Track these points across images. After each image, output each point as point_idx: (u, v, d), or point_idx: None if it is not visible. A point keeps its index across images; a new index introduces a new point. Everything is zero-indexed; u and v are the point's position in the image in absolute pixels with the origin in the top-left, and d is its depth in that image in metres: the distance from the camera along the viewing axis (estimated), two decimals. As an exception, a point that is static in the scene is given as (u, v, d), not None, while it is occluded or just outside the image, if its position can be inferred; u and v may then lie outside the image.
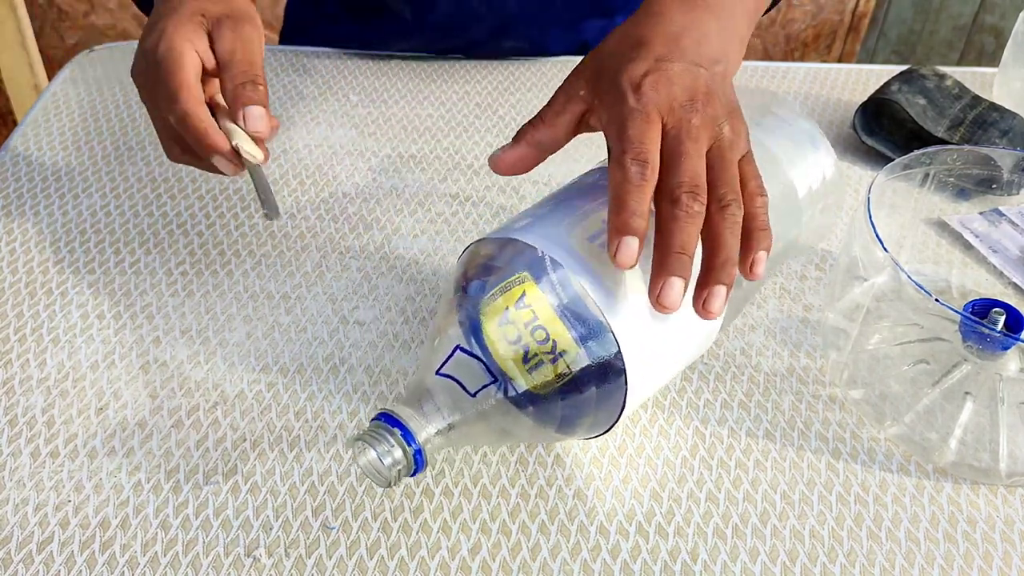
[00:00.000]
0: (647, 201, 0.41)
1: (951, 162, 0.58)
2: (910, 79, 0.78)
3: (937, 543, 0.47)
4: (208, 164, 0.55)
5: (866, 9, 1.99)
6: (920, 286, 0.46)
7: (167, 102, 0.52)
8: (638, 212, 0.40)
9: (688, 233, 0.41)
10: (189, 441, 0.51)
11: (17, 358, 0.55)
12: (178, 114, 0.52)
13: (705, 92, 0.45)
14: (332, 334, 0.58)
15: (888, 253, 0.48)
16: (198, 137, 0.52)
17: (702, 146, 0.43)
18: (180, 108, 0.52)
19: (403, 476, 0.42)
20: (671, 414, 0.54)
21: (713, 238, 0.42)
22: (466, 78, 0.87)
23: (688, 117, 0.43)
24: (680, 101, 0.44)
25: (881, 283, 0.51)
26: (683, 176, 0.42)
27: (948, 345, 0.53)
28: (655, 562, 0.46)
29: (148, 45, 0.53)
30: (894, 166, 0.55)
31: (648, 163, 0.42)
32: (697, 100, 0.44)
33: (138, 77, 0.55)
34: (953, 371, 0.52)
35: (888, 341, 0.55)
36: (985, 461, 0.50)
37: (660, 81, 0.44)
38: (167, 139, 0.56)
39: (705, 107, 0.44)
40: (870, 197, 0.51)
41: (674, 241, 0.41)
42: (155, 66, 0.53)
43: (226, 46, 0.53)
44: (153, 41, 0.53)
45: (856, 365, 0.54)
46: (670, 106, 0.44)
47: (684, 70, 0.45)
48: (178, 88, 0.52)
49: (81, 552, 0.45)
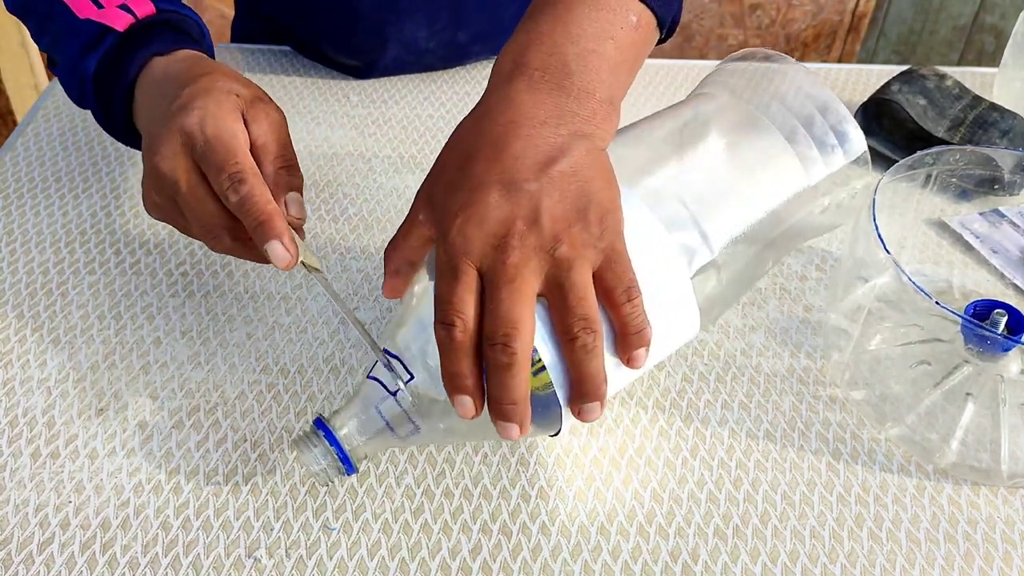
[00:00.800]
0: (466, 358, 0.40)
1: (954, 162, 0.58)
2: (910, 79, 0.78)
3: (938, 543, 0.47)
4: (258, 254, 0.48)
5: (866, 9, 1.99)
6: (922, 289, 0.46)
7: (230, 183, 0.46)
8: (459, 372, 0.40)
9: (506, 387, 0.40)
10: (190, 442, 0.51)
11: (17, 358, 0.55)
12: (243, 194, 0.46)
13: (527, 218, 0.40)
14: (332, 335, 0.58)
15: (891, 255, 0.48)
16: (262, 220, 0.46)
17: (521, 284, 0.40)
18: (247, 188, 0.46)
19: (332, 476, 0.45)
20: (671, 415, 0.54)
21: (572, 368, 0.41)
22: (466, 78, 0.87)
23: (502, 258, 0.40)
24: (492, 242, 0.40)
25: (883, 284, 0.51)
26: (492, 327, 0.40)
27: (949, 346, 0.53)
28: (655, 563, 0.46)
29: (187, 124, 0.47)
30: (899, 167, 0.55)
31: (454, 324, 0.40)
32: (513, 235, 0.40)
33: (169, 160, 0.48)
34: (954, 372, 0.52)
35: (889, 342, 0.55)
36: (986, 462, 0.50)
37: (470, 222, 0.40)
38: (215, 227, 0.48)
39: (524, 239, 0.40)
40: (875, 199, 0.51)
41: (493, 395, 0.40)
42: (206, 145, 0.47)
43: (262, 128, 0.50)
44: (194, 120, 0.47)
45: (857, 366, 0.54)
46: (481, 250, 0.40)
47: (501, 198, 0.41)
48: (243, 167, 0.46)
49: (82, 553, 0.45)
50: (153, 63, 0.53)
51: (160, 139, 0.48)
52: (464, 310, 0.40)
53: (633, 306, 0.41)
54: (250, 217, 0.46)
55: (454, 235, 0.41)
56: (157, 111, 0.50)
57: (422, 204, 0.44)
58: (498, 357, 0.39)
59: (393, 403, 0.44)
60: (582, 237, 0.41)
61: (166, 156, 0.47)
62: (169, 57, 0.53)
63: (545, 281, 0.41)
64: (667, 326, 0.45)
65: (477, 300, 0.40)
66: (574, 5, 0.44)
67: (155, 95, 0.52)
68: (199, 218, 0.48)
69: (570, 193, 0.41)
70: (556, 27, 0.44)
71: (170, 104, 0.49)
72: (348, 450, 0.44)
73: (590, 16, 0.44)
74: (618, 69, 0.45)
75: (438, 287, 0.41)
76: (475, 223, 0.40)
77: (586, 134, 0.43)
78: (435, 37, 0.82)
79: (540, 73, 0.43)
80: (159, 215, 0.51)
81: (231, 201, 0.46)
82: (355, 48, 0.83)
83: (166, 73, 0.53)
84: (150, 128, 0.50)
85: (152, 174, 0.49)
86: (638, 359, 0.42)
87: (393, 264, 0.45)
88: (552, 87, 0.43)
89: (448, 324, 0.40)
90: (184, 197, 0.48)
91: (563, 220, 0.41)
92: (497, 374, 0.40)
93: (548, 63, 0.43)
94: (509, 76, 0.43)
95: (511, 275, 0.40)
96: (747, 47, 2.13)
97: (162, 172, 0.48)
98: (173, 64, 0.53)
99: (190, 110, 0.48)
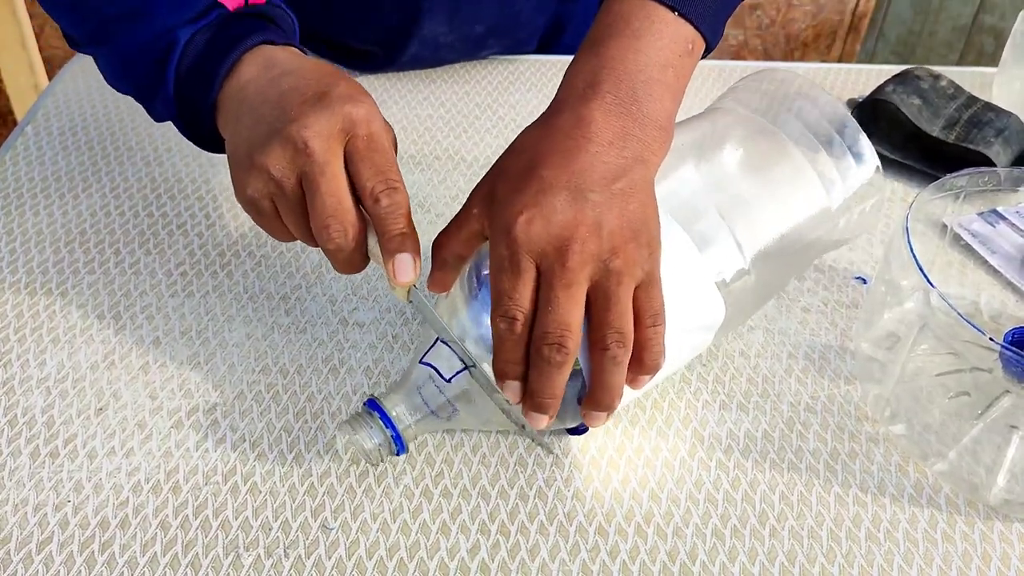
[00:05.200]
0: (519, 349, 0.43)
1: (983, 184, 0.57)
2: (905, 80, 0.79)
3: (935, 543, 0.47)
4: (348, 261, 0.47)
5: (866, 9, 1.99)
6: (973, 324, 0.44)
7: (385, 187, 0.46)
8: (511, 360, 0.43)
9: (551, 382, 0.43)
10: (188, 442, 0.51)
11: (17, 358, 0.55)
12: (395, 201, 0.46)
13: (590, 225, 0.42)
14: (332, 335, 0.58)
15: (935, 289, 0.46)
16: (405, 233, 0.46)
17: (576, 290, 0.42)
18: (399, 197, 0.46)
19: (385, 456, 0.47)
20: (670, 415, 0.54)
21: (594, 375, 0.44)
22: (466, 78, 0.87)
23: (562, 261, 0.42)
24: (555, 243, 0.42)
25: (912, 310, 0.50)
26: (547, 327, 0.42)
27: (989, 376, 0.50)
28: (654, 563, 0.46)
29: (355, 114, 0.46)
30: (933, 188, 0.54)
31: (515, 318, 0.42)
32: (575, 240, 0.42)
33: (323, 139, 0.45)
34: (996, 403, 0.50)
35: (927, 372, 0.53)
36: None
37: (535, 221, 0.42)
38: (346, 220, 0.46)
39: (585, 245, 0.42)
40: (908, 227, 0.49)
41: (536, 388, 0.43)
42: (371, 141, 0.46)
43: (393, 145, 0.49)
44: (362, 113, 0.46)
45: (898, 399, 0.52)
46: (542, 249, 0.42)
47: (567, 203, 0.42)
48: (398, 176, 0.47)
49: (80, 552, 0.45)
50: (266, 48, 0.51)
51: (314, 115, 0.45)
52: (524, 305, 0.42)
53: (656, 332, 0.44)
54: (395, 226, 0.45)
55: (518, 230, 0.42)
56: (294, 91, 0.47)
57: (479, 200, 0.46)
58: (552, 355, 0.42)
59: (440, 389, 0.46)
60: (634, 256, 0.43)
61: (320, 133, 0.45)
62: (284, 48, 0.51)
63: (592, 288, 0.43)
64: (684, 341, 0.48)
65: (534, 295, 0.43)
66: (642, 32, 0.46)
67: (281, 76, 0.49)
68: (331, 206, 0.45)
69: (628, 212, 0.43)
70: (627, 54, 0.46)
71: (320, 88, 0.47)
72: (400, 429, 0.47)
73: (655, 45, 0.46)
74: (675, 96, 0.47)
75: (499, 279, 0.43)
76: (541, 222, 0.42)
77: (644, 159, 0.45)
78: (454, 31, 0.83)
79: (612, 97, 0.45)
80: (260, 191, 0.47)
81: (380, 204, 0.45)
82: (377, 44, 0.84)
83: (293, 61, 0.50)
84: (289, 104, 0.46)
85: (288, 144, 0.45)
86: (641, 383, 0.45)
87: (443, 256, 0.47)
88: (621, 111, 0.45)
89: (510, 318, 0.42)
90: (326, 180, 0.45)
91: (620, 235, 0.43)
92: (545, 370, 0.42)
93: (619, 88, 0.45)
94: (583, 96, 0.45)
95: (569, 279, 0.42)
96: (747, 47, 2.14)
97: (311, 147, 0.44)
98: (298, 56, 0.51)
99: (357, 102, 0.46)
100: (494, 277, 0.43)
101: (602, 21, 0.47)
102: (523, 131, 0.47)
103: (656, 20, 0.46)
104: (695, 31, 0.47)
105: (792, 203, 0.52)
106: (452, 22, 0.82)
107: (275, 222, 0.48)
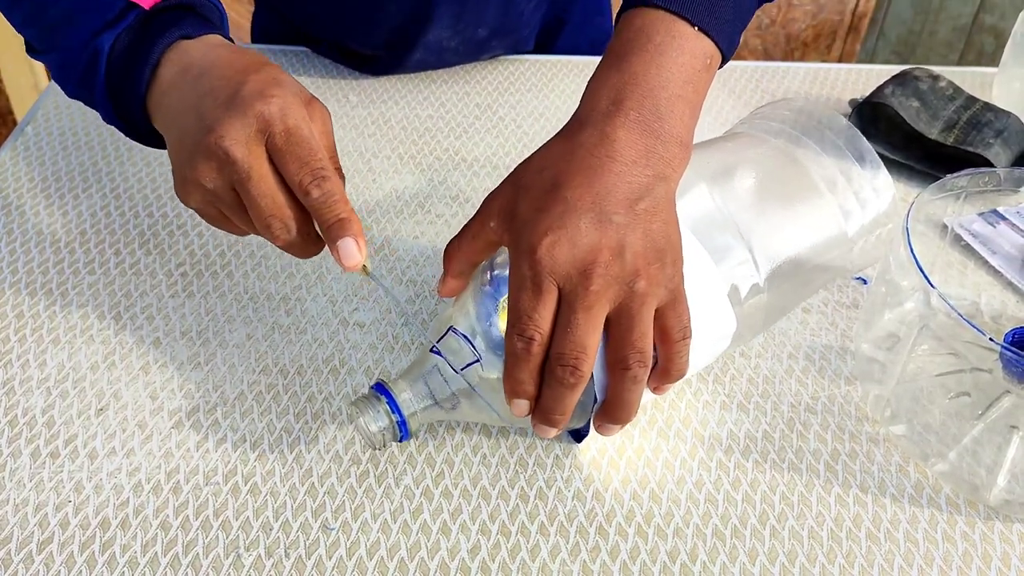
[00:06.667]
0: (533, 369, 0.43)
1: (983, 184, 0.57)
2: (903, 81, 0.78)
3: (936, 544, 0.47)
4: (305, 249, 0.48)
5: (866, 9, 1.99)
6: (973, 324, 0.44)
7: (313, 178, 0.46)
8: (524, 381, 0.43)
9: (562, 403, 0.43)
10: (189, 442, 0.51)
11: (17, 358, 0.55)
12: (325, 190, 0.46)
13: (613, 248, 0.42)
14: (332, 336, 0.58)
15: (936, 290, 0.46)
16: (342, 218, 0.46)
17: (597, 312, 0.42)
18: (329, 185, 0.46)
19: (388, 441, 0.47)
20: (670, 416, 0.54)
21: (612, 391, 0.44)
22: (465, 78, 0.87)
23: (585, 284, 0.42)
24: (579, 267, 0.42)
25: (912, 310, 0.50)
26: (564, 348, 0.42)
27: (989, 376, 0.51)
28: (654, 563, 0.46)
29: (266, 112, 0.46)
30: (934, 188, 0.54)
31: (533, 339, 0.42)
32: (599, 264, 0.42)
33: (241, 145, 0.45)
34: (996, 403, 0.51)
35: (927, 372, 0.53)
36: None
37: (559, 244, 0.42)
38: (286, 217, 0.47)
39: (609, 268, 0.42)
40: (908, 227, 0.49)
41: (547, 406, 0.43)
42: (288, 136, 0.46)
43: (317, 127, 0.49)
44: (275, 109, 0.46)
45: (898, 400, 0.53)
46: (567, 272, 0.42)
47: (591, 225, 0.43)
48: (325, 163, 0.46)
49: (81, 552, 0.45)
50: (183, 45, 0.50)
51: (228, 122, 0.45)
52: (543, 326, 0.42)
53: (684, 345, 0.45)
54: (330, 214, 0.46)
55: (543, 252, 0.42)
56: (209, 95, 0.47)
57: (497, 214, 0.46)
58: (566, 377, 0.42)
59: (447, 380, 0.47)
60: (658, 276, 0.43)
61: (238, 140, 0.45)
62: (201, 41, 0.51)
63: (614, 308, 0.43)
64: (702, 352, 0.49)
65: (553, 317, 0.43)
66: (664, 48, 0.46)
67: (197, 78, 0.49)
68: (267, 208, 0.46)
69: (652, 232, 0.44)
70: (650, 70, 0.46)
71: (231, 89, 0.47)
72: (406, 415, 0.47)
73: (677, 61, 0.46)
74: (694, 111, 0.47)
75: (518, 298, 0.43)
76: (566, 245, 0.42)
77: (666, 176, 0.45)
78: (458, 35, 0.84)
79: (636, 114, 0.45)
80: (200, 202, 0.48)
81: (312, 196, 0.46)
82: (382, 49, 0.84)
83: (207, 57, 0.50)
84: (205, 111, 0.47)
85: (211, 157, 0.45)
86: (664, 391, 0.47)
87: (456, 265, 0.48)
88: (644, 129, 0.45)
89: (527, 338, 0.42)
90: (254, 184, 0.45)
91: (643, 257, 0.43)
92: (558, 390, 0.43)
93: (643, 106, 0.45)
94: (607, 113, 0.45)
95: (590, 302, 0.42)
96: (747, 47, 2.14)
97: (232, 156, 0.45)
98: (214, 49, 0.50)
99: (268, 98, 0.46)
100: (514, 295, 0.43)
101: (623, 35, 0.47)
102: (545, 145, 0.47)
103: (677, 35, 0.46)
104: (714, 45, 0.47)
105: (810, 227, 0.53)
106: (456, 26, 0.82)
107: (227, 223, 0.50)
